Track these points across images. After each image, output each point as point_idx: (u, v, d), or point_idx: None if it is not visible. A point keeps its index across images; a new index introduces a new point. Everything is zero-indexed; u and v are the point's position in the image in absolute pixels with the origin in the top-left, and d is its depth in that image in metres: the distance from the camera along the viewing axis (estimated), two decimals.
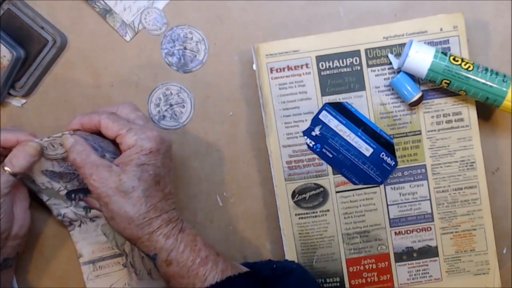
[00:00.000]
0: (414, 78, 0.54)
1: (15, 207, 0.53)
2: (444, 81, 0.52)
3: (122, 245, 0.57)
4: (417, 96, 0.53)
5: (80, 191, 0.56)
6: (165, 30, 0.58)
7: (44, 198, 0.56)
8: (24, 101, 0.59)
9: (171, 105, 0.58)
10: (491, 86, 0.51)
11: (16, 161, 0.50)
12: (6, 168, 0.50)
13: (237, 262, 0.52)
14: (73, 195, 0.57)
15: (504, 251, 0.58)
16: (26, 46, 0.56)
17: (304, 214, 0.56)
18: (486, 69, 0.51)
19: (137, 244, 0.48)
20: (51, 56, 0.57)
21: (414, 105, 0.54)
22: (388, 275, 0.57)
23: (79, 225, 0.58)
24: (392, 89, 0.55)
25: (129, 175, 0.47)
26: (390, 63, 0.55)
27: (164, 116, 0.58)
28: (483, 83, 0.51)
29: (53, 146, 0.51)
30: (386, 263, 0.57)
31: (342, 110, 0.55)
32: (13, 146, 0.51)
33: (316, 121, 0.55)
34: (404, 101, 0.54)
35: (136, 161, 0.47)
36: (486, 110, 0.57)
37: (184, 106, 0.58)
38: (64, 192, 0.56)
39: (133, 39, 0.58)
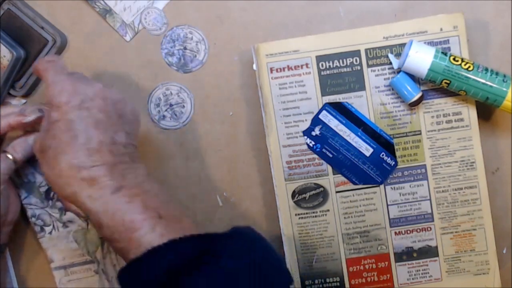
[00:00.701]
0: (414, 78, 0.54)
1: (10, 193, 0.55)
2: (444, 81, 0.52)
3: (94, 252, 0.58)
4: (417, 96, 0.53)
5: None
6: (165, 30, 0.58)
7: (23, 195, 0.57)
8: (24, 101, 0.59)
9: (171, 105, 0.58)
10: (491, 86, 0.51)
11: (20, 149, 0.52)
12: (8, 155, 0.52)
13: None
14: (52, 193, 0.57)
15: (504, 251, 0.58)
16: (26, 46, 0.56)
17: (304, 214, 0.56)
18: (486, 69, 0.51)
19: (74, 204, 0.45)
20: None
21: (414, 105, 0.54)
22: (388, 275, 0.57)
23: (50, 232, 0.58)
24: (392, 89, 0.55)
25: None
26: (390, 63, 0.55)
27: (164, 116, 0.58)
28: (483, 83, 0.51)
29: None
30: (386, 263, 0.57)
31: (342, 110, 0.55)
32: (6, 132, 0.52)
33: (316, 121, 0.56)
34: (404, 101, 0.54)
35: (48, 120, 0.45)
36: (486, 110, 0.57)
37: (184, 106, 0.58)
38: (44, 188, 0.56)
39: (133, 39, 0.58)
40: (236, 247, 0.44)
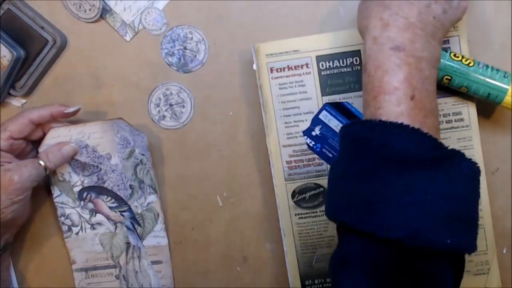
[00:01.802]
0: None
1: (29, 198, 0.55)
2: (446, 77, 0.52)
3: (118, 256, 0.58)
4: None
5: (94, 190, 0.57)
6: (165, 30, 0.58)
7: (55, 193, 0.57)
8: (24, 101, 0.59)
9: (171, 105, 0.58)
10: (492, 83, 0.51)
11: (53, 157, 0.54)
12: (41, 162, 0.53)
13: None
14: (85, 194, 0.57)
15: (504, 251, 0.58)
16: (26, 46, 0.56)
17: (304, 214, 0.56)
18: (487, 66, 0.51)
19: None
20: (51, 56, 0.57)
21: None
22: None
23: (77, 233, 0.58)
24: None
25: None
26: None
27: (164, 116, 0.58)
28: (484, 79, 0.51)
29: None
30: None
31: (342, 110, 0.55)
32: (49, 121, 0.55)
33: (316, 121, 0.56)
34: None
35: None
36: (486, 110, 0.57)
37: (184, 106, 0.58)
38: (78, 188, 0.57)
39: (133, 39, 0.58)
40: (470, 173, 0.43)
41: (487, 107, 0.56)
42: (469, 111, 0.55)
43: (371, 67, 0.44)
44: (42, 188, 0.59)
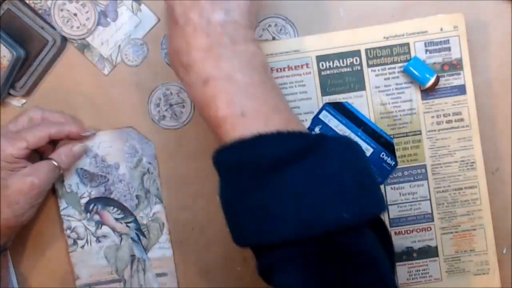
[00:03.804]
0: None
1: None
2: None
3: (122, 270, 0.58)
4: (433, 79, 0.53)
5: (100, 201, 0.58)
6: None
7: (62, 205, 0.57)
8: (24, 101, 0.58)
9: (171, 105, 0.58)
10: None
11: (65, 158, 0.54)
12: (54, 162, 0.53)
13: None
14: (91, 206, 0.57)
15: (504, 251, 0.58)
16: (26, 46, 0.56)
17: None
18: None
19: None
20: (51, 56, 0.57)
21: (430, 89, 0.54)
22: None
23: (82, 246, 0.58)
24: (393, 89, 0.55)
25: None
26: (391, 63, 0.55)
27: (164, 116, 0.58)
28: None
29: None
30: None
31: (342, 110, 0.55)
32: (64, 138, 0.55)
33: (316, 121, 0.55)
34: (421, 86, 0.54)
35: None
36: (486, 110, 0.57)
37: (184, 106, 0.58)
38: (85, 200, 0.57)
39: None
40: (340, 152, 0.42)
41: (488, 107, 0.56)
42: (469, 111, 0.55)
43: (198, 109, 0.45)
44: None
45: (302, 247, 0.40)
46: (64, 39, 0.57)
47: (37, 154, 0.56)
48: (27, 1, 0.57)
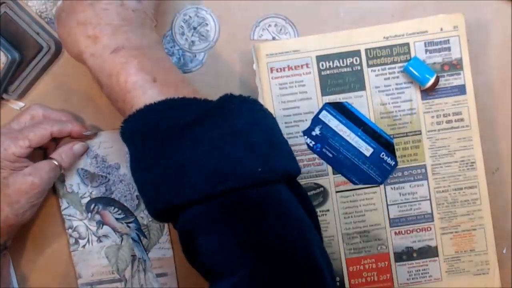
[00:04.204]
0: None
1: None
2: None
3: (123, 270, 0.58)
4: (433, 79, 0.53)
5: (101, 201, 0.58)
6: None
7: (63, 205, 0.58)
8: (22, 104, 0.58)
9: (194, 28, 0.57)
10: None
11: (66, 157, 0.54)
12: (54, 161, 0.53)
13: None
14: (92, 206, 0.58)
15: (504, 251, 0.58)
16: (21, 50, 0.56)
17: None
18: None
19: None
20: (44, 62, 0.57)
21: (430, 89, 0.54)
22: (388, 275, 0.57)
23: (84, 246, 0.58)
24: (393, 89, 0.55)
25: None
26: (391, 63, 0.55)
27: (193, 42, 0.57)
28: None
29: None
30: (386, 263, 0.57)
31: (342, 110, 0.55)
32: (65, 137, 0.55)
33: (316, 121, 0.56)
34: (421, 86, 0.54)
35: None
36: (486, 110, 0.57)
37: (207, 24, 0.57)
38: (86, 200, 0.57)
39: None
40: (249, 112, 0.44)
41: (487, 107, 0.56)
42: (469, 111, 0.55)
43: (104, 78, 0.45)
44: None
45: (218, 203, 0.40)
46: (60, 46, 0.57)
47: (40, 151, 0.56)
48: (31, 7, 0.56)
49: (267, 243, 0.40)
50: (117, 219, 0.58)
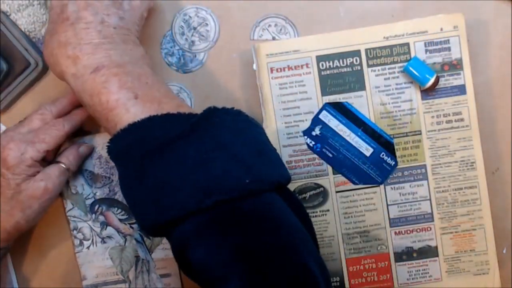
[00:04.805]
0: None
1: None
2: None
3: (127, 271, 0.58)
4: (433, 79, 0.53)
5: (105, 202, 0.58)
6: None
7: (68, 206, 0.58)
8: None
9: (194, 28, 0.57)
10: None
11: (73, 159, 0.54)
12: (62, 165, 0.53)
13: None
14: (96, 207, 0.58)
15: (504, 251, 0.58)
16: (9, 63, 0.56)
17: None
18: None
19: None
20: (31, 79, 0.56)
21: (430, 89, 0.54)
22: (388, 275, 0.57)
23: (88, 247, 0.58)
24: (393, 89, 0.55)
25: None
26: (391, 63, 0.55)
27: (193, 42, 0.57)
28: None
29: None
30: (386, 263, 0.57)
31: (342, 110, 0.55)
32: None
33: (316, 121, 0.56)
34: (421, 86, 0.54)
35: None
36: (486, 110, 0.57)
37: (207, 24, 0.57)
38: (91, 201, 0.57)
39: None
40: (233, 122, 0.43)
41: (487, 107, 0.56)
42: (469, 111, 0.55)
43: (87, 99, 0.45)
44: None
45: (207, 217, 0.40)
46: (47, 64, 0.56)
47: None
48: (20, 26, 0.56)
49: (259, 253, 0.40)
50: (120, 220, 0.58)
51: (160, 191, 0.40)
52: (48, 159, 0.54)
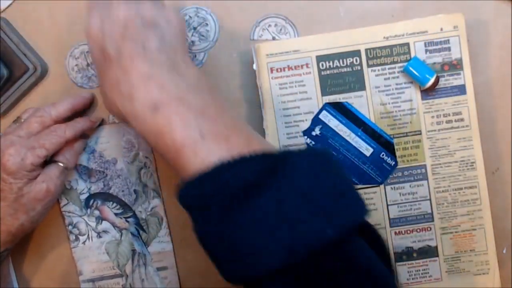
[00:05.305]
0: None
1: None
2: None
3: (124, 265, 0.58)
4: (433, 79, 0.53)
5: (100, 197, 0.58)
6: None
7: (62, 202, 0.58)
8: None
9: (195, 28, 0.57)
10: None
11: (70, 157, 0.54)
12: (60, 164, 0.53)
13: None
14: (91, 201, 0.58)
15: (504, 251, 0.58)
16: (9, 69, 0.56)
17: None
18: None
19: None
20: (29, 84, 0.56)
21: (430, 89, 0.54)
22: None
23: (84, 242, 0.58)
24: (393, 89, 0.55)
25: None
26: (391, 63, 0.55)
27: (193, 42, 0.57)
28: None
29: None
30: None
31: (342, 110, 0.55)
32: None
33: (316, 121, 0.56)
34: (421, 86, 0.54)
35: None
36: (486, 110, 0.57)
37: (207, 24, 0.57)
38: (85, 196, 0.58)
39: None
40: (309, 165, 0.40)
41: (487, 107, 0.56)
42: (469, 111, 0.55)
43: (150, 139, 0.42)
44: None
45: (291, 272, 0.38)
46: (46, 69, 0.57)
47: None
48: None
49: None
50: (116, 214, 0.58)
51: (240, 247, 0.38)
52: (46, 159, 0.54)
